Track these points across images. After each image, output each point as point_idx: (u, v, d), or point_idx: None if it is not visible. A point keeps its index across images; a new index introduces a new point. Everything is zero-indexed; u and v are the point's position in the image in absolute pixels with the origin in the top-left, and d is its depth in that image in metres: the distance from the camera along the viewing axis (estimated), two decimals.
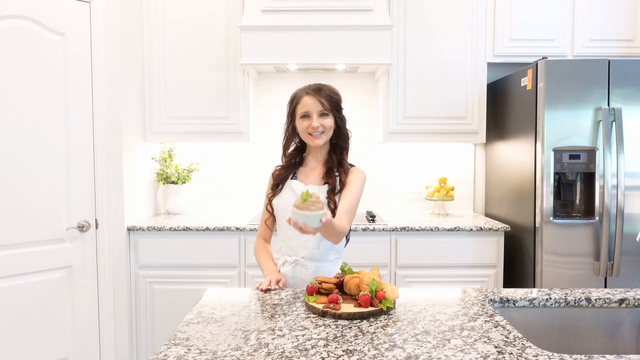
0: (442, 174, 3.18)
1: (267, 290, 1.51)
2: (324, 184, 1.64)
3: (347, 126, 1.70)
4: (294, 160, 1.72)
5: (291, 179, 1.69)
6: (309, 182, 1.66)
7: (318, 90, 1.63)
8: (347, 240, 1.73)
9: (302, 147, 1.73)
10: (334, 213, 1.58)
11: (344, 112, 1.70)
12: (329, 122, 1.62)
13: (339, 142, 1.68)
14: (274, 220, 1.74)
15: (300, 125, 1.63)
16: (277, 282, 1.55)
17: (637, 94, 2.37)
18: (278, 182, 1.69)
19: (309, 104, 1.61)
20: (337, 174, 1.65)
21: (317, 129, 1.60)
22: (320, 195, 1.58)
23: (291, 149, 1.73)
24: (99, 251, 2.46)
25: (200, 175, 3.20)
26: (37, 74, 2.23)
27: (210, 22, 2.86)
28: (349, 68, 2.95)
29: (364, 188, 1.67)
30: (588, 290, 1.47)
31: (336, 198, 1.61)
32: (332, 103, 1.63)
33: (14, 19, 2.16)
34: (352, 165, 1.70)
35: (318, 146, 1.65)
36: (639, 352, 1.40)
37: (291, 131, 1.69)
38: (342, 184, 1.63)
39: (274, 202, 1.68)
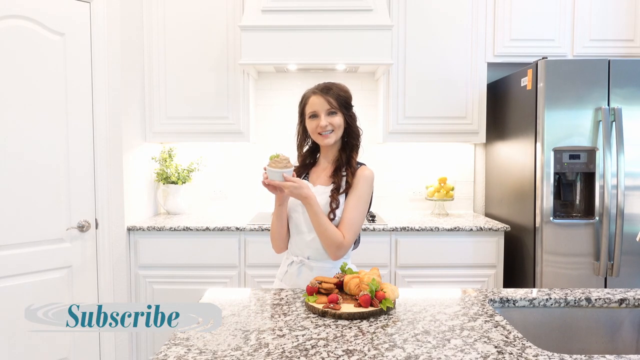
0: (442, 174, 3.18)
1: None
2: (331, 183, 1.63)
3: (357, 124, 1.68)
4: (307, 160, 1.72)
5: (303, 179, 1.68)
6: (319, 183, 1.66)
7: (326, 89, 1.63)
8: (357, 243, 1.72)
9: (315, 148, 1.72)
10: (334, 213, 1.58)
11: (354, 109, 1.68)
12: (338, 120, 1.60)
13: (349, 140, 1.67)
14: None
15: (310, 125, 1.63)
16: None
17: (637, 94, 2.37)
18: None
19: (317, 103, 1.61)
20: (344, 173, 1.63)
21: (325, 128, 1.59)
22: (325, 192, 1.60)
23: (305, 149, 1.72)
24: (99, 251, 2.46)
25: (200, 175, 3.20)
26: (37, 74, 2.23)
27: (210, 22, 2.86)
28: (349, 68, 2.94)
29: (372, 190, 1.65)
30: (588, 290, 1.47)
31: (340, 198, 1.60)
32: (340, 101, 1.61)
33: (14, 19, 2.16)
34: (360, 164, 1.68)
35: (329, 145, 1.64)
36: (639, 352, 1.40)
37: (302, 132, 1.69)
38: (348, 184, 1.62)
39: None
